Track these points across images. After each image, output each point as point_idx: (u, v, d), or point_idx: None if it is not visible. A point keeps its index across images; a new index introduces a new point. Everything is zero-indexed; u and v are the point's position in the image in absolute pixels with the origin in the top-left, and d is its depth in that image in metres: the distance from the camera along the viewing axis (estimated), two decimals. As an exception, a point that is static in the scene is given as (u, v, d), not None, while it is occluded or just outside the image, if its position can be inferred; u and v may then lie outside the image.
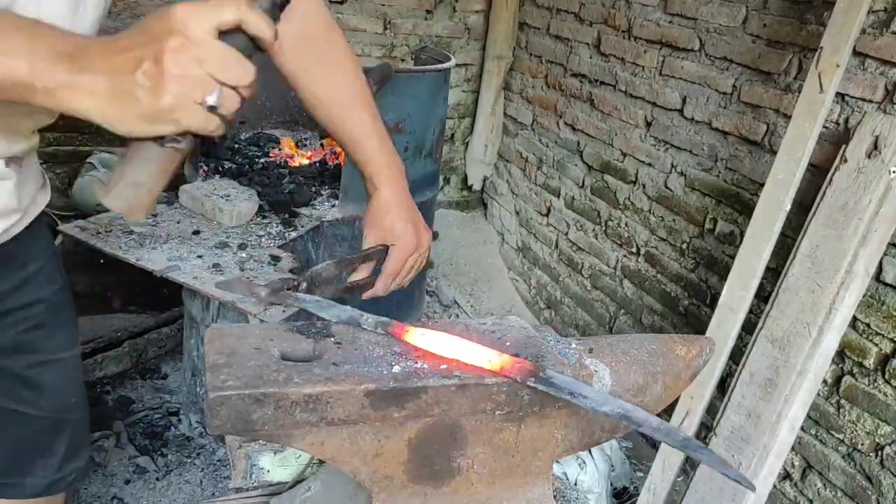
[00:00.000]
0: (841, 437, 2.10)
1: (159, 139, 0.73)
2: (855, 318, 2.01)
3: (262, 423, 0.86)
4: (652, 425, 0.91)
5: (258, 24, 0.71)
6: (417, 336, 0.98)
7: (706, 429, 2.25)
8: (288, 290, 1.05)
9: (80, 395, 1.25)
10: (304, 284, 1.08)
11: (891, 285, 1.95)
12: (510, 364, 0.95)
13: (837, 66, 1.89)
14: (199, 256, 2.10)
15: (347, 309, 1.06)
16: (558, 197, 3.51)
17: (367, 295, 1.25)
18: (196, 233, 2.24)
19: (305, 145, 3.03)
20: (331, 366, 0.92)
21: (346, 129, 1.27)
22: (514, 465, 1.04)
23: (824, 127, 2.03)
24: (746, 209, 2.39)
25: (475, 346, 0.98)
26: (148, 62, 0.67)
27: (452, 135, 4.06)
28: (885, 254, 1.91)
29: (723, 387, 2.28)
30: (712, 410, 2.22)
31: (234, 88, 0.71)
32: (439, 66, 2.62)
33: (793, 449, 2.16)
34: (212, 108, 0.70)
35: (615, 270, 3.13)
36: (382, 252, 1.21)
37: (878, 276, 1.96)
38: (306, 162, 2.81)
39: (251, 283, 1.10)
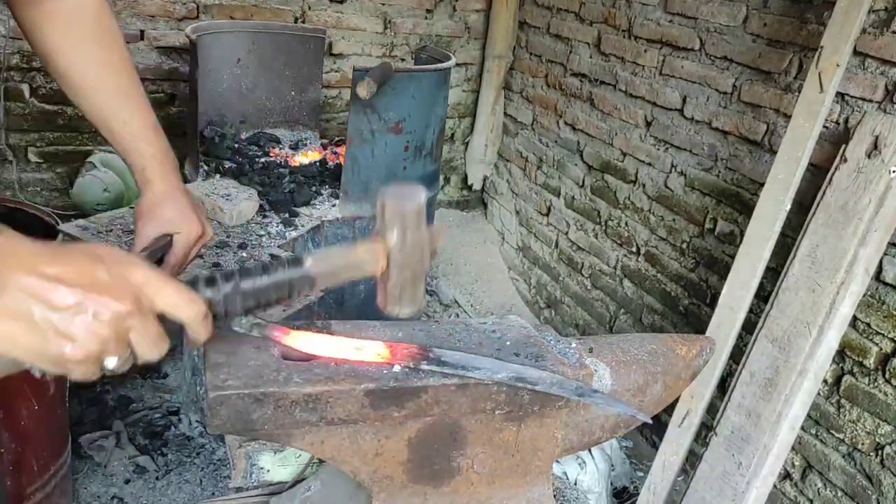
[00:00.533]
0: (841, 436, 2.10)
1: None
2: (855, 318, 2.01)
3: (262, 423, 0.86)
4: (546, 381, 0.94)
5: (198, 334, 0.73)
6: (300, 340, 0.94)
7: (706, 428, 2.25)
8: None
9: None
10: None
11: (891, 285, 1.95)
12: (398, 351, 0.94)
13: (837, 65, 1.88)
14: (200, 256, 2.10)
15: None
16: (558, 196, 3.50)
17: None
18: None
19: (306, 145, 3.03)
20: (330, 365, 0.92)
21: (117, 119, 1.15)
22: (514, 465, 1.04)
23: (824, 126, 2.03)
24: (746, 209, 2.39)
25: (361, 342, 0.95)
26: (89, 310, 0.62)
27: (452, 134, 4.06)
28: (885, 253, 1.91)
29: (723, 386, 2.28)
30: (712, 410, 2.22)
31: (132, 360, 0.69)
32: (439, 65, 2.62)
33: (793, 448, 2.16)
34: (105, 369, 0.68)
35: (615, 270, 3.13)
36: (167, 244, 1.15)
37: (878, 275, 1.96)
38: (306, 161, 2.81)
39: None
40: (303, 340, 0.93)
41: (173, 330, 0.72)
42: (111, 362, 0.66)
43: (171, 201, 1.15)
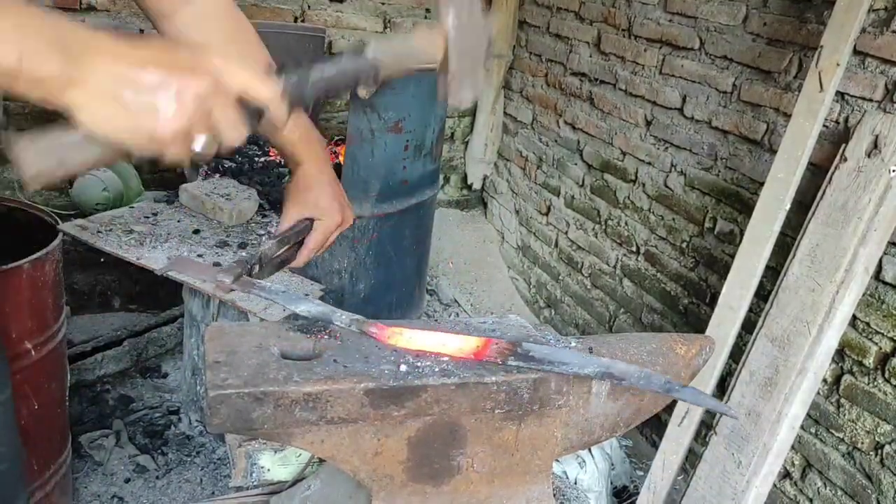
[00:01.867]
0: (841, 435, 2.10)
1: None
2: (855, 317, 2.01)
3: (262, 422, 0.86)
4: (633, 375, 0.96)
5: (278, 116, 0.74)
6: (395, 334, 0.98)
7: (706, 427, 2.25)
8: (245, 274, 1.02)
9: (9, 441, 1.19)
10: (256, 267, 1.07)
11: (890, 284, 1.95)
12: (487, 346, 0.95)
13: (837, 64, 1.88)
14: (200, 255, 2.10)
15: (318, 303, 1.05)
16: (558, 196, 3.51)
17: (289, 266, 1.23)
18: (196, 232, 2.24)
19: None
20: (330, 364, 0.93)
21: None
22: (514, 464, 1.05)
23: (824, 126, 2.03)
24: (746, 208, 2.39)
25: (450, 336, 0.97)
26: (173, 88, 0.66)
27: (452, 134, 4.06)
28: (884, 252, 1.91)
29: (723, 386, 2.28)
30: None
31: (217, 143, 0.72)
32: (439, 64, 2.62)
33: (793, 448, 2.16)
34: (193, 151, 0.71)
35: (615, 269, 3.14)
36: (308, 226, 1.17)
37: (877, 274, 1.96)
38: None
39: (209, 267, 1.09)
40: (402, 337, 0.97)
41: (252, 114, 0.74)
42: (199, 143, 0.70)
43: (319, 186, 1.18)
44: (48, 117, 2.84)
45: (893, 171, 1.81)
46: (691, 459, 2.30)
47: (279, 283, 2.10)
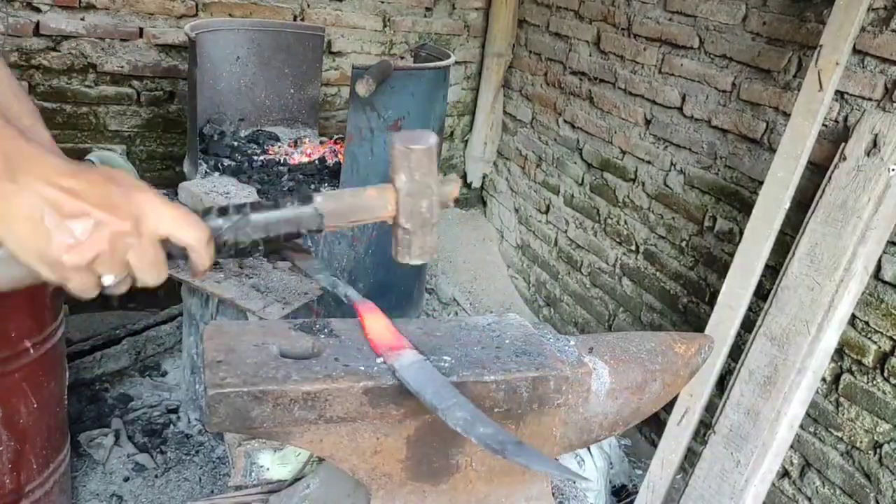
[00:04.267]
0: (840, 434, 2.11)
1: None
2: (854, 316, 2.01)
3: (261, 421, 0.86)
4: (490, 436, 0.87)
5: (202, 259, 0.74)
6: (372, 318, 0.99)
7: (705, 426, 2.25)
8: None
9: None
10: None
11: (890, 283, 1.95)
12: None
13: (837, 63, 1.88)
14: (198, 254, 2.10)
15: (331, 276, 1.07)
16: (557, 195, 3.50)
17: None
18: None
19: (305, 143, 3.02)
20: (330, 363, 0.92)
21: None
22: (513, 463, 1.04)
23: (823, 125, 2.03)
24: (746, 207, 2.39)
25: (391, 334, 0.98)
26: (90, 221, 0.67)
27: (452, 132, 4.06)
28: (884, 252, 1.91)
29: (722, 384, 2.28)
30: (711, 408, 2.22)
31: (130, 280, 0.73)
32: (438, 63, 2.62)
33: (791, 447, 2.16)
34: (102, 286, 0.71)
35: (614, 268, 3.14)
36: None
37: (877, 274, 1.96)
38: (306, 159, 2.81)
39: None
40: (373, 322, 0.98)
41: (177, 255, 0.74)
42: (108, 279, 0.71)
43: None
44: (46, 116, 2.82)
45: (893, 170, 1.81)
46: (690, 458, 2.30)
47: (278, 281, 2.10)
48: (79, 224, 0.67)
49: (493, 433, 0.81)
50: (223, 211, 0.79)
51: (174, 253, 0.73)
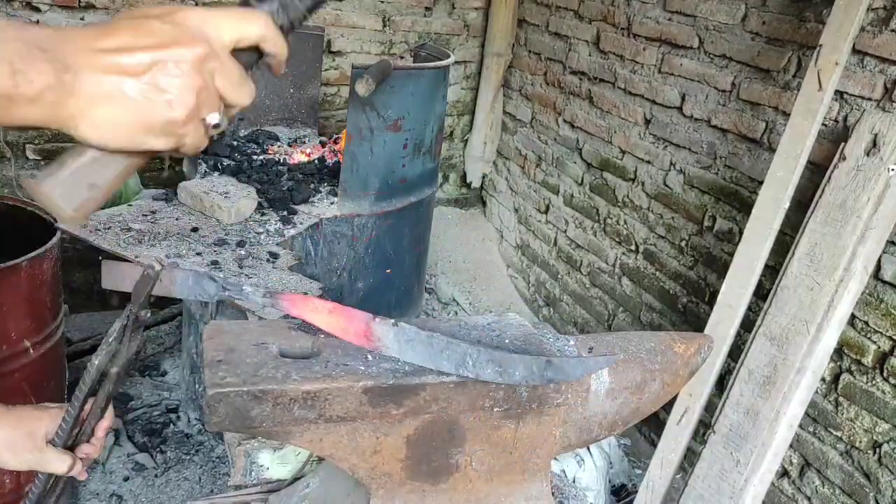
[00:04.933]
0: (839, 434, 2.11)
1: None
2: (853, 316, 2.01)
3: (261, 420, 0.86)
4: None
5: (278, 46, 0.67)
6: (304, 306, 0.93)
7: (705, 426, 2.25)
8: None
9: None
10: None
11: (889, 283, 1.95)
12: (368, 329, 0.93)
13: (836, 63, 1.88)
14: (198, 253, 2.10)
15: (225, 283, 0.94)
16: (557, 194, 3.50)
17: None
18: (195, 230, 2.23)
19: (304, 142, 3.02)
20: (329, 362, 0.92)
21: None
22: (513, 462, 1.05)
23: (823, 125, 2.03)
24: (745, 207, 2.39)
25: (348, 318, 0.94)
26: (166, 67, 0.59)
27: (451, 132, 4.06)
28: (883, 251, 1.91)
29: (721, 384, 2.28)
30: (711, 408, 2.22)
31: (228, 108, 0.66)
32: (438, 63, 2.62)
33: (791, 446, 2.17)
34: (211, 127, 0.64)
35: (614, 268, 3.14)
36: None
37: (876, 273, 1.97)
38: (305, 159, 2.81)
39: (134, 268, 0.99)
40: (308, 309, 0.93)
41: (250, 62, 0.67)
42: (214, 118, 0.64)
43: None
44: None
45: (892, 169, 1.81)
46: (690, 458, 2.30)
47: (277, 281, 2.10)
48: (159, 74, 0.59)
49: (527, 369, 0.80)
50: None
51: (246, 60, 0.66)
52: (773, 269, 2.15)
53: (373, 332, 0.92)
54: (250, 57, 0.67)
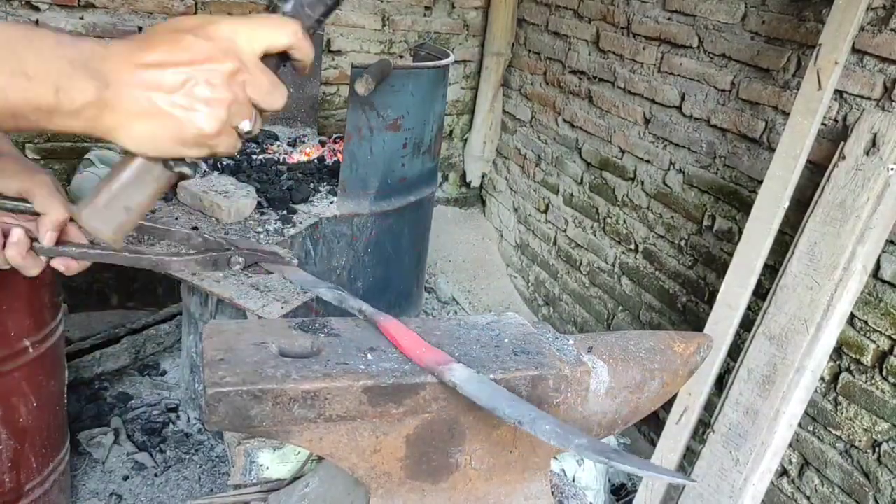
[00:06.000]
0: (838, 433, 2.11)
1: (169, 160, 0.70)
2: (853, 316, 2.01)
3: (261, 420, 0.86)
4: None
5: (306, 52, 0.69)
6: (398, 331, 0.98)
7: (704, 425, 2.25)
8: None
9: None
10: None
11: (889, 282, 1.95)
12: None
13: (836, 63, 1.88)
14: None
15: (334, 288, 1.06)
16: (557, 194, 3.50)
17: None
18: (194, 229, 2.23)
19: (304, 142, 3.02)
20: (329, 362, 0.92)
21: None
22: (512, 461, 1.05)
23: (823, 124, 2.03)
24: (745, 206, 2.40)
25: (425, 349, 0.96)
26: (199, 83, 0.63)
27: (451, 131, 4.06)
28: (882, 251, 1.91)
29: (721, 383, 2.28)
30: (710, 407, 2.22)
31: (261, 111, 0.69)
32: (438, 62, 2.62)
33: (790, 446, 2.17)
34: (243, 134, 0.68)
35: (613, 267, 3.14)
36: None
37: (875, 273, 1.97)
38: (304, 158, 2.81)
39: None
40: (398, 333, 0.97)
41: (278, 64, 0.70)
42: (245, 125, 0.67)
43: None
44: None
45: (892, 169, 1.81)
46: (689, 457, 2.30)
47: (277, 280, 2.10)
48: (193, 89, 0.63)
49: (590, 443, 0.80)
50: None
51: (274, 63, 0.69)
52: (772, 269, 2.15)
53: (451, 366, 0.93)
54: (279, 60, 0.69)
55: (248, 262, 1.06)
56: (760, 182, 2.10)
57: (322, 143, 3.01)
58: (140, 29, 2.99)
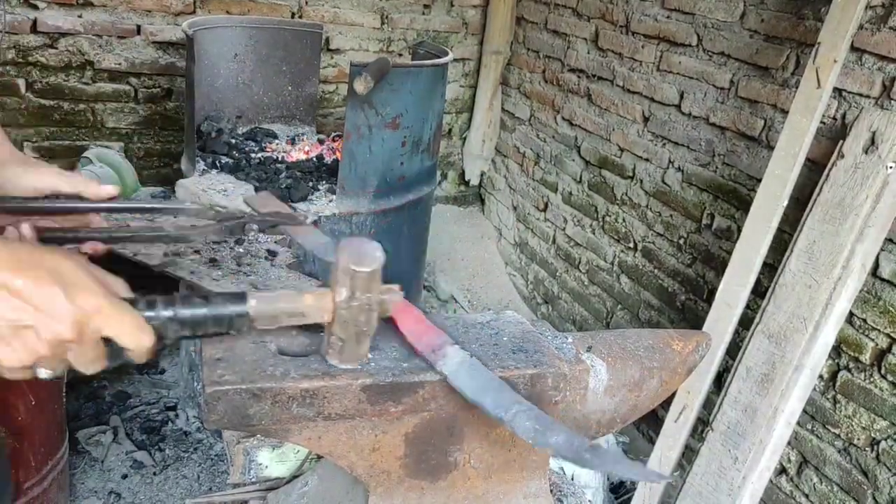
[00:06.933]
0: (837, 431, 2.11)
1: None
2: (851, 314, 2.02)
3: (260, 418, 0.86)
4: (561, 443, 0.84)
5: (139, 359, 0.74)
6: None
7: (703, 423, 2.26)
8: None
9: None
10: None
11: (887, 281, 1.96)
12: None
13: (835, 61, 1.88)
14: (197, 251, 2.10)
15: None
16: (556, 192, 3.50)
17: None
18: (193, 227, 2.23)
19: (303, 140, 3.02)
20: (326, 360, 0.92)
21: None
22: (511, 460, 1.05)
23: (821, 122, 2.03)
24: (744, 204, 2.40)
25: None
26: (30, 327, 0.65)
27: (450, 130, 4.06)
28: (881, 249, 1.92)
29: (719, 382, 2.28)
30: (709, 405, 2.22)
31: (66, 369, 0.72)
32: (437, 60, 2.62)
33: (789, 444, 2.17)
34: (35, 375, 0.70)
35: (612, 265, 3.14)
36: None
37: (874, 271, 1.97)
38: (303, 157, 2.81)
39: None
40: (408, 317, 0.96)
41: (117, 350, 0.74)
42: (43, 373, 0.70)
43: None
44: (43, 113, 2.81)
45: (890, 167, 1.81)
46: (688, 455, 2.30)
47: (276, 279, 2.10)
48: (19, 327, 0.65)
49: (566, 441, 0.78)
50: (151, 304, 0.78)
51: (114, 350, 0.73)
52: (771, 267, 2.15)
53: (444, 350, 0.93)
54: (119, 349, 0.73)
55: (262, 227, 1.09)
56: (759, 180, 2.10)
57: (321, 142, 3.01)
58: (138, 28, 2.99)
